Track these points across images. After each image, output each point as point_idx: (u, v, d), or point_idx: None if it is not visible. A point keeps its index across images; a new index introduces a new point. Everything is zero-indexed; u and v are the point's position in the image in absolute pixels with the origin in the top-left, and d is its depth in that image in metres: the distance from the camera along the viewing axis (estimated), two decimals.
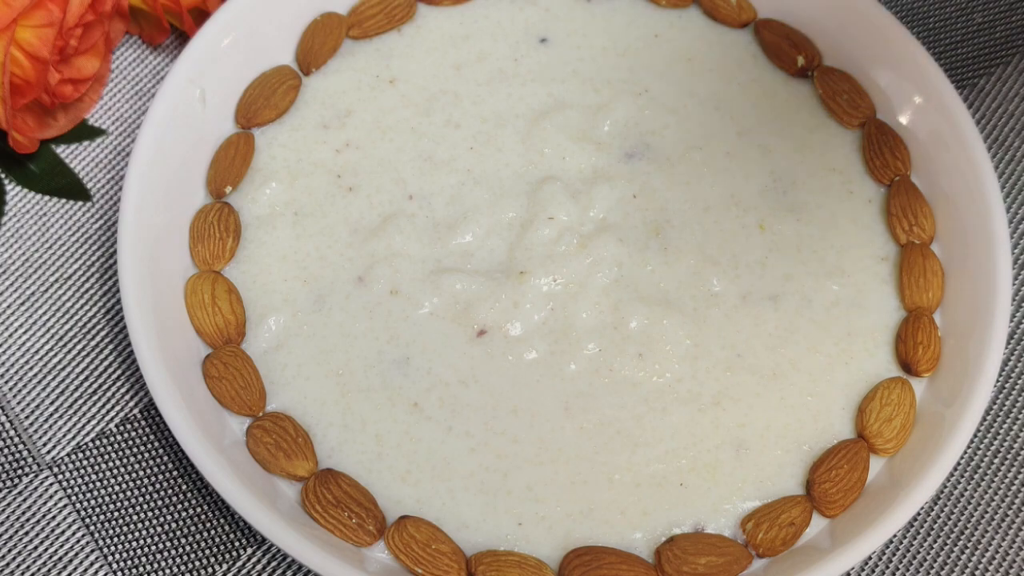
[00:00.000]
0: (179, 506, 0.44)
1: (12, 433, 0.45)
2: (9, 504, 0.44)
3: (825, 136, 0.48)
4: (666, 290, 0.44)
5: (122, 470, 0.44)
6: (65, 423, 0.45)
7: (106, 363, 0.46)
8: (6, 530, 0.43)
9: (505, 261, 0.44)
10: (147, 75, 0.53)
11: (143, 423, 0.45)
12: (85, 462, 0.44)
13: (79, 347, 0.46)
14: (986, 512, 0.44)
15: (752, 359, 0.43)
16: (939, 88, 0.46)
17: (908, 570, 0.43)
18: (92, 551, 0.43)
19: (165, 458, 0.44)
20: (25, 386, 0.46)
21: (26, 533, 0.43)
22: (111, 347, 0.46)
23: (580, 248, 0.44)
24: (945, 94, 0.46)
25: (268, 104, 0.47)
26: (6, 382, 0.46)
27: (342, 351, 0.43)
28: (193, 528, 0.43)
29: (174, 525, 0.43)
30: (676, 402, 0.42)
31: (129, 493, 0.44)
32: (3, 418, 0.45)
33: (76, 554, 0.43)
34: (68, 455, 0.44)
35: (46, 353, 0.46)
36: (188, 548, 0.43)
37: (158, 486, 0.44)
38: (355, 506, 0.40)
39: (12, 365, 0.46)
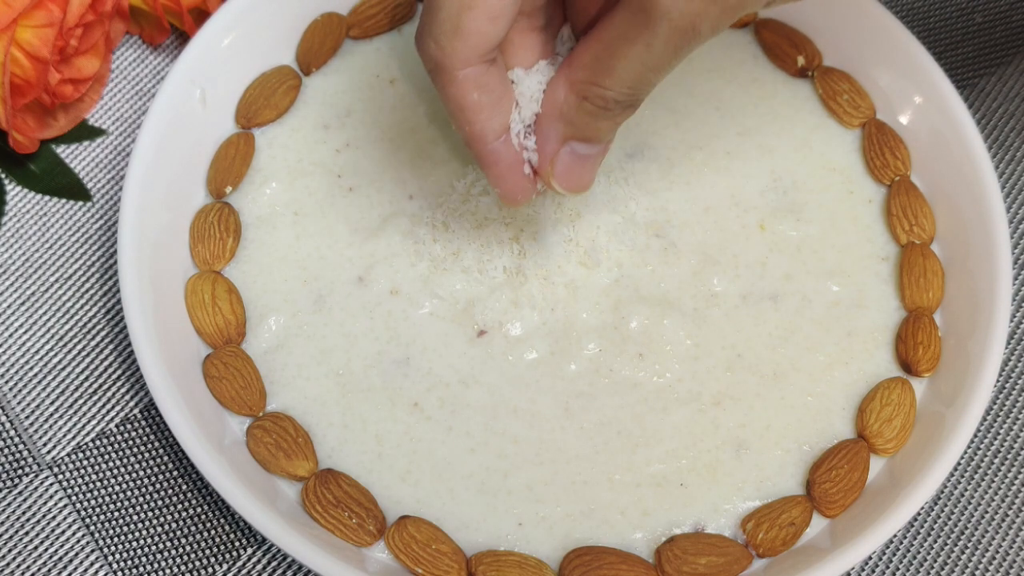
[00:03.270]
0: (179, 506, 0.44)
1: (12, 433, 0.45)
2: (9, 504, 0.44)
3: (825, 136, 0.48)
4: (666, 290, 0.44)
5: (122, 470, 0.44)
6: (65, 423, 0.45)
7: (106, 363, 0.46)
8: (6, 530, 0.43)
9: (505, 261, 0.44)
10: (147, 75, 0.53)
11: (143, 423, 0.45)
12: (85, 462, 0.44)
13: (79, 347, 0.46)
14: (986, 512, 0.44)
15: (752, 359, 0.43)
16: (939, 88, 0.46)
17: (908, 570, 0.43)
18: (92, 551, 0.43)
19: (165, 458, 0.44)
20: (25, 386, 0.46)
21: (26, 533, 0.43)
22: (111, 347, 0.46)
23: (580, 248, 0.44)
24: (945, 94, 0.46)
25: (268, 104, 0.47)
26: (6, 382, 0.46)
27: (342, 351, 0.43)
28: (193, 528, 0.43)
29: (174, 525, 0.43)
30: (676, 402, 0.42)
31: (129, 493, 0.44)
32: (3, 418, 0.45)
33: (76, 554, 0.43)
34: (68, 455, 0.44)
35: (46, 353, 0.46)
36: (188, 548, 0.43)
37: (158, 486, 0.44)
38: (355, 506, 0.40)
39: (12, 365, 0.46)
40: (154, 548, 0.43)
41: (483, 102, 0.36)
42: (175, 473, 0.44)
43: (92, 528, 0.43)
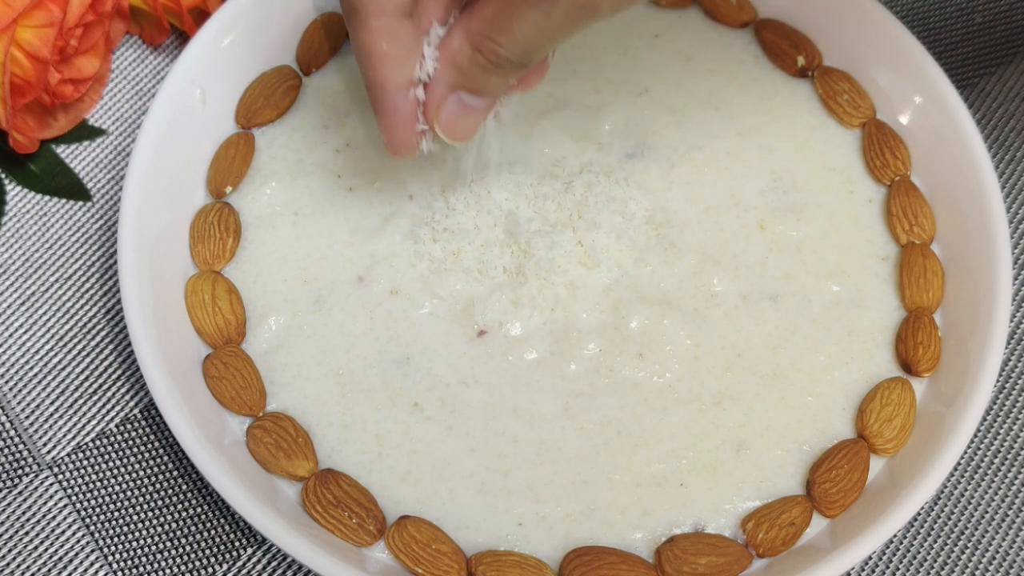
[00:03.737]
0: (179, 506, 0.44)
1: (12, 433, 0.45)
2: (9, 504, 0.44)
3: (825, 136, 0.48)
4: (666, 290, 0.44)
5: (122, 470, 0.44)
6: (65, 423, 0.45)
7: (106, 363, 0.46)
8: (6, 530, 0.43)
9: (505, 261, 0.44)
10: (147, 75, 0.53)
11: (143, 423, 0.45)
12: (85, 462, 0.44)
13: (79, 347, 0.46)
14: (986, 512, 0.44)
15: (752, 359, 0.43)
16: (939, 88, 0.46)
17: (908, 570, 0.43)
18: (92, 551, 0.43)
19: (165, 458, 0.44)
20: (25, 386, 0.46)
21: (26, 533, 0.43)
22: (111, 347, 0.46)
23: (580, 248, 0.44)
24: (945, 94, 0.46)
25: (268, 104, 0.47)
26: (6, 382, 0.46)
27: (342, 351, 0.43)
28: (193, 528, 0.43)
29: (174, 525, 0.43)
30: (676, 402, 0.42)
31: (129, 493, 0.44)
32: (3, 418, 0.45)
33: (76, 554, 0.43)
34: (68, 455, 0.44)
35: (46, 353, 0.46)
36: (188, 548, 0.43)
37: (158, 486, 0.44)
38: (355, 506, 0.40)
39: (12, 365, 0.46)
40: (154, 548, 0.43)
41: (391, 53, 0.37)
42: (175, 473, 0.44)
43: (92, 528, 0.43)
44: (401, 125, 0.39)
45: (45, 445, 0.45)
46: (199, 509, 0.44)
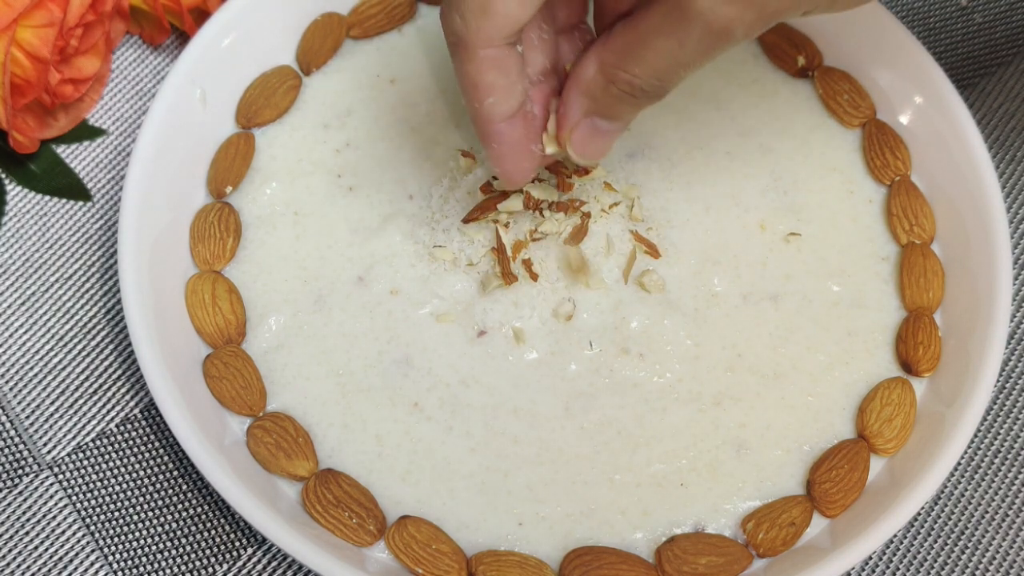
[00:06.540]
0: (179, 506, 0.44)
1: (12, 433, 0.45)
2: (9, 504, 0.44)
3: (825, 136, 0.48)
4: (666, 290, 0.44)
5: (122, 470, 0.44)
6: (65, 423, 0.45)
7: (106, 363, 0.46)
8: (6, 530, 0.43)
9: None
10: (147, 75, 0.53)
11: (143, 423, 0.45)
12: (85, 462, 0.44)
13: (79, 347, 0.46)
14: (987, 512, 0.44)
15: (753, 359, 0.43)
16: (939, 88, 0.46)
17: (908, 570, 0.43)
18: (92, 551, 0.43)
19: (165, 458, 0.44)
20: (25, 386, 0.46)
21: (26, 533, 0.43)
22: (111, 347, 0.46)
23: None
24: (945, 94, 0.46)
25: (268, 104, 0.47)
26: (6, 382, 0.46)
27: (342, 351, 0.43)
28: (193, 528, 0.43)
29: (174, 525, 0.43)
30: (677, 402, 0.42)
31: (129, 493, 0.44)
32: (3, 418, 0.45)
33: (76, 554, 0.43)
34: (68, 455, 0.44)
35: (46, 353, 0.46)
36: (188, 548, 0.43)
37: (158, 486, 0.44)
38: (355, 506, 0.40)
39: (12, 365, 0.46)
40: (154, 548, 0.43)
41: (498, 84, 0.36)
42: (175, 473, 0.44)
43: (92, 528, 0.43)
44: (512, 153, 0.39)
45: (45, 445, 0.45)
46: (199, 509, 0.44)
